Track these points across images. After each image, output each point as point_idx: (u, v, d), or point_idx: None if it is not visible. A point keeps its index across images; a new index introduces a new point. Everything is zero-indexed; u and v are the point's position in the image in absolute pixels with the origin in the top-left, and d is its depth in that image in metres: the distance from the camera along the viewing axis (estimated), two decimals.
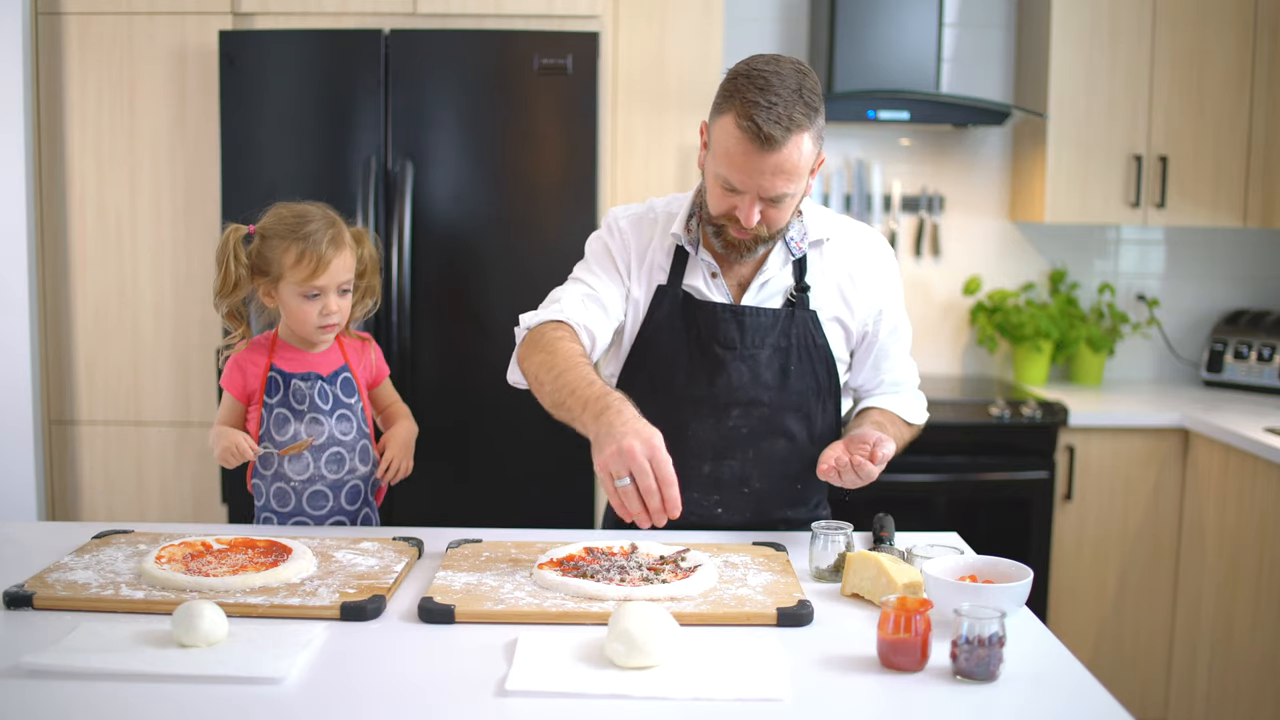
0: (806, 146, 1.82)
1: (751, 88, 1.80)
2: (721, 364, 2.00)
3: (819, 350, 2.03)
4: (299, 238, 2.03)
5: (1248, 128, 3.59)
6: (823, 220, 2.05)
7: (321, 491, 2.08)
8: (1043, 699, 1.40)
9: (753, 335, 2.00)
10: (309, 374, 2.10)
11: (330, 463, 2.08)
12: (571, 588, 1.65)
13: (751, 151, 1.80)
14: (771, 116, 1.78)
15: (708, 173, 1.92)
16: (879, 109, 3.53)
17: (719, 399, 2.00)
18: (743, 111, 1.79)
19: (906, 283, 3.95)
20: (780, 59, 1.85)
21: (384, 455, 2.13)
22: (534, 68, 3.02)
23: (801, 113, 1.80)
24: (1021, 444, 3.38)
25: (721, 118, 1.84)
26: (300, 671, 1.41)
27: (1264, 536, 2.99)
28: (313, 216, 2.06)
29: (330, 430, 2.08)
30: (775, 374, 2.01)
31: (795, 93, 1.80)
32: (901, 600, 1.44)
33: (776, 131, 1.78)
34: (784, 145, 1.79)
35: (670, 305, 2.02)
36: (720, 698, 1.35)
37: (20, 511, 3.12)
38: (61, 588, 1.64)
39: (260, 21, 3.15)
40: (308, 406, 2.08)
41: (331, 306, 2.06)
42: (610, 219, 2.10)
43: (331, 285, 2.05)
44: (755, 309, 2.00)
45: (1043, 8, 3.62)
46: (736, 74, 1.84)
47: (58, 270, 3.21)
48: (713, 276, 2.01)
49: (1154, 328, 3.99)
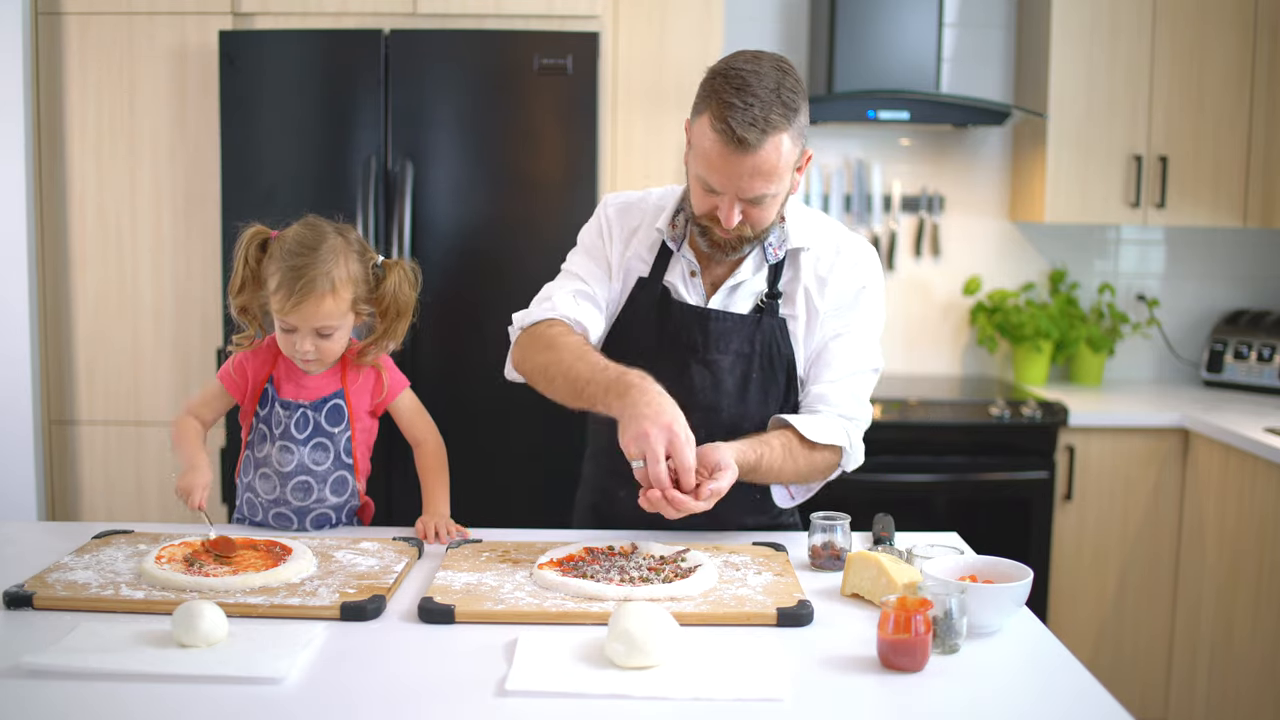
0: (785, 147, 1.79)
1: (728, 88, 1.77)
2: (684, 367, 1.96)
3: (782, 359, 1.98)
4: (288, 266, 1.90)
5: (1248, 127, 3.59)
6: (806, 227, 2.00)
7: (286, 515, 2.03)
8: (1043, 699, 1.41)
9: (716, 340, 1.96)
10: (291, 402, 2.01)
11: (296, 490, 2.01)
12: (571, 588, 1.65)
13: (728, 154, 1.77)
14: (747, 119, 1.74)
15: (690, 173, 1.89)
16: (879, 109, 3.53)
17: (679, 402, 1.89)
18: (718, 113, 1.76)
19: (907, 283, 3.95)
20: (761, 56, 1.81)
21: (420, 523, 1.99)
22: (534, 68, 3.02)
23: (779, 114, 1.76)
24: (1021, 444, 3.38)
25: (699, 118, 1.81)
26: (300, 671, 1.41)
27: (1264, 537, 2.99)
28: (315, 247, 1.92)
29: (301, 459, 2.00)
30: (736, 381, 1.97)
31: (773, 92, 1.76)
32: (901, 600, 1.44)
33: (751, 135, 1.75)
34: (760, 148, 1.76)
35: (647, 300, 2.00)
36: (720, 698, 1.35)
37: (20, 511, 3.12)
38: (61, 588, 1.64)
39: (260, 21, 3.15)
40: (281, 433, 2.01)
41: (304, 346, 1.94)
42: (601, 204, 2.09)
43: (304, 326, 1.92)
44: (722, 313, 1.96)
45: (1043, 7, 3.62)
46: (715, 73, 1.81)
47: (58, 270, 3.21)
48: (691, 275, 1.99)
49: (1154, 328, 3.99)
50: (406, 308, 2.02)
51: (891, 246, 3.92)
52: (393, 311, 2.01)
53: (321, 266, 1.90)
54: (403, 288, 2.01)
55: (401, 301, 2.01)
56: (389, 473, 2.86)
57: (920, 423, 3.34)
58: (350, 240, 1.99)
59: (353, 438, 2.04)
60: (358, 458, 2.06)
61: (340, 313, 1.94)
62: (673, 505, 1.69)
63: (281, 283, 1.90)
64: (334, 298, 1.91)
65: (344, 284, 1.93)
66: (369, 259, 2.01)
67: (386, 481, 2.87)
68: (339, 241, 1.96)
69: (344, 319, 1.96)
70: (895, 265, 3.94)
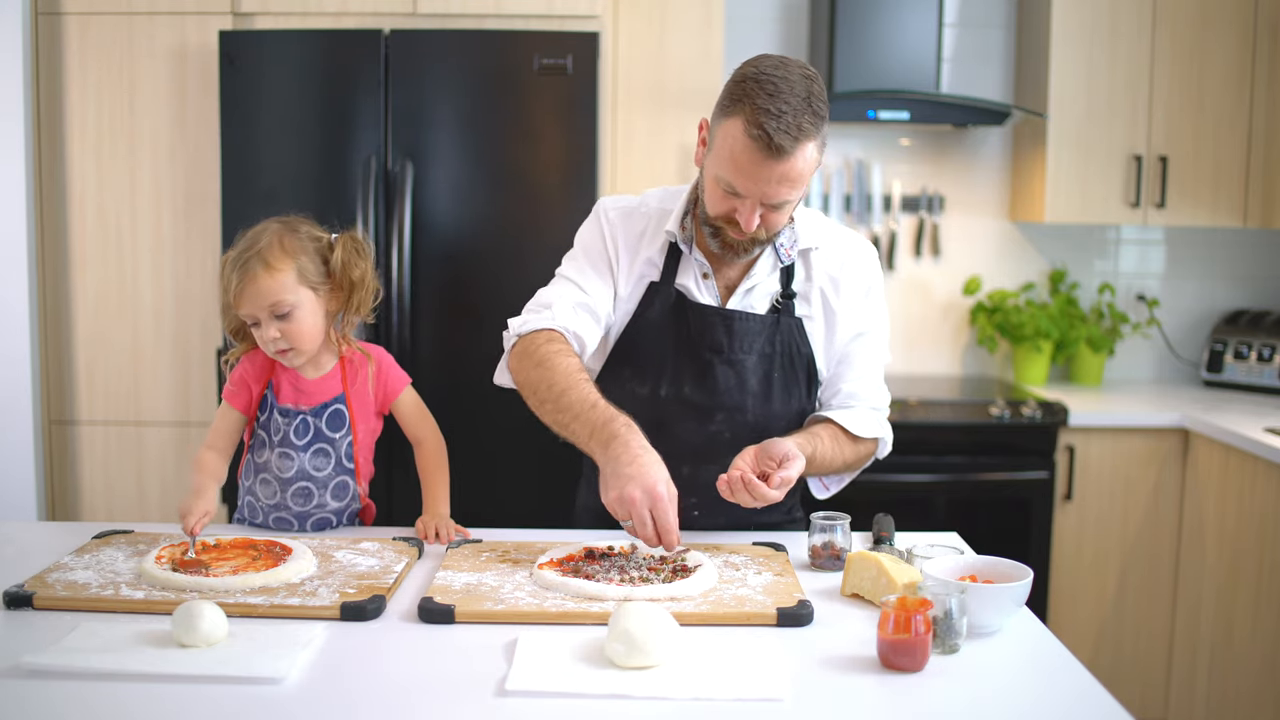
0: (812, 154, 1.80)
1: (762, 93, 1.76)
2: (708, 368, 1.98)
3: (802, 359, 2.01)
4: (232, 260, 1.96)
5: (1248, 128, 3.59)
6: (812, 227, 2.03)
7: (286, 519, 2.03)
8: (1043, 699, 1.40)
9: (740, 340, 1.98)
10: (290, 409, 2.01)
11: (297, 496, 2.01)
12: (571, 588, 1.65)
13: (760, 160, 1.77)
14: (782, 126, 1.74)
15: (707, 174, 1.88)
16: (879, 109, 3.53)
17: (703, 403, 1.98)
18: (753, 119, 1.75)
19: (907, 283, 3.95)
20: (787, 62, 1.81)
21: (420, 524, 2.01)
22: (534, 68, 3.02)
23: (810, 121, 1.77)
24: (1021, 444, 3.38)
25: (728, 120, 1.80)
26: (300, 671, 1.41)
27: (1264, 537, 2.99)
28: (255, 239, 1.96)
29: (301, 465, 2.00)
30: (760, 380, 1.99)
31: (804, 100, 1.77)
32: (901, 600, 1.44)
33: (786, 142, 1.75)
34: (792, 155, 1.77)
35: (661, 304, 2.00)
36: (720, 698, 1.35)
37: (20, 511, 3.12)
38: (61, 588, 1.64)
39: (260, 21, 3.15)
40: (280, 440, 2.01)
41: (269, 333, 1.94)
42: (600, 210, 2.07)
43: (259, 312, 1.94)
44: (744, 314, 1.98)
45: (1043, 7, 3.62)
46: (745, 76, 1.80)
47: (58, 270, 3.21)
48: (704, 277, 1.99)
49: (1154, 328, 3.99)
50: (362, 279, 2.03)
51: (891, 246, 3.92)
52: (347, 284, 2.01)
53: (254, 250, 1.94)
54: (353, 259, 2.02)
55: (355, 274, 2.02)
56: (389, 472, 2.86)
57: (920, 423, 3.34)
58: (293, 224, 2.01)
59: (354, 442, 2.04)
60: (359, 461, 2.05)
61: (284, 288, 1.94)
62: (750, 492, 1.76)
63: (228, 279, 1.96)
64: (269, 273, 1.93)
65: (278, 259, 1.94)
66: (318, 236, 2.02)
67: (387, 481, 2.87)
68: (277, 226, 1.99)
69: (294, 294, 1.95)
70: (895, 265, 3.94)
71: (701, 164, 1.91)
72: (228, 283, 1.96)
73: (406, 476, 2.24)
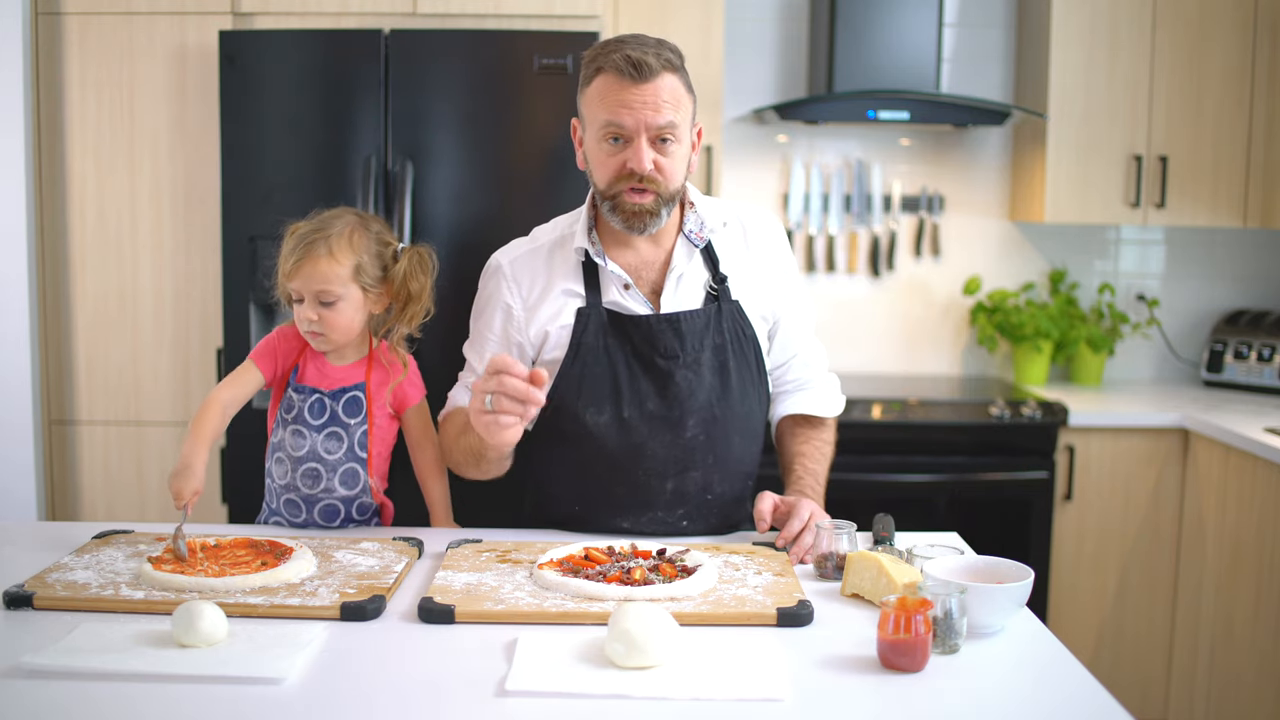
0: (678, 87, 1.88)
1: (612, 42, 1.89)
2: (668, 375, 1.96)
3: (749, 341, 2.02)
4: (298, 236, 2.01)
5: (1248, 128, 3.59)
6: (713, 209, 2.04)
7: (294, 501, 2.04)
8: (1043, 699, 1.41)
9: (692, 340, 1.96)
10: (306, 388, 2.04)
11: (305, 477, 2.02)
12: (571, 588, 1.65)
13: (628, 85, 1.84)
14: (638, 53, 1.84)
15: (590, 149, 1.94)
16: (879, 109, 3.53)
17: (672, 412, 1.96)
18: (609, 61, 1.86)
19: (906, 283, 3.96)
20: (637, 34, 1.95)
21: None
22: (534, 68, 3.01)
23: (669, 55, 1.88)
24: (1021, 444, 3.38)
25: (590, 85, 1.90)
26: (300, 672, 1.41)
27: (1264, 536, 2.99)
28: (328, 221, 2.02)
29: (313, 445, 2.02)
30: (717, 373, 1.98)
31: (657, 42, 1.89)
32: (901, 600, 1.44)
33: (649, 58, 1.84)
34: (658, 75, 1.85)
35: (595, 325, 1.97)
36: (720, 698, 1.35)
37: (20, 511, 3.12)
38: (61, 588, 1.64)
39: (260, 21, 3.15)
40: (294, 417, 2.03)
41: (308, 313, 1.99)
42: (490, 267, 2.08)
43: (306, 291, 1.99)
44: (689, 313, 1.96)
45: (1043, 8, 3.63)
46: (593, 47, 1.92)
47: (58, 270, 3.21)
48: (626, 288, 1.97)
49: (1154, 328, 3.99)
50: (419, 294, 2.08)
51: (891, 246, 3.92)
52: (403, 295, 2.06)
53: (323, 234, 1.99)
54: (415, 273, 2.07)
55: (414, 286, 2.07)
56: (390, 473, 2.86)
57: (920, 423, 3.34)
58: (367, 221, 2.06)
59: (369, 432, 2.05)
60: (373, 454, 2.06)
61: (338, 278, 1.98)
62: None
63: (289, 252, 2.00)
64: (330, 260, 1.98)
65: (343, 251, 1.99)
66: (386, 241, 2.07)
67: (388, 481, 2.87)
68: (353, 219, 2.04)
69: (345, 287, 1.99)
70: (895, 265, 3.94)
71: (583, 154, 1.97)
72: (288, 254, 2.00)
73: (406, 476, 2.25)
